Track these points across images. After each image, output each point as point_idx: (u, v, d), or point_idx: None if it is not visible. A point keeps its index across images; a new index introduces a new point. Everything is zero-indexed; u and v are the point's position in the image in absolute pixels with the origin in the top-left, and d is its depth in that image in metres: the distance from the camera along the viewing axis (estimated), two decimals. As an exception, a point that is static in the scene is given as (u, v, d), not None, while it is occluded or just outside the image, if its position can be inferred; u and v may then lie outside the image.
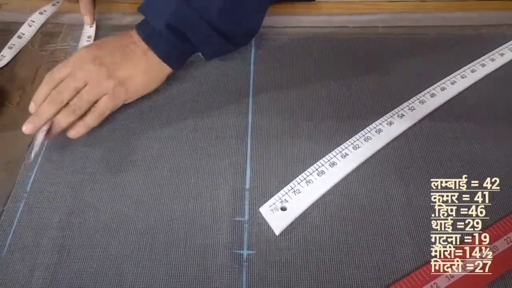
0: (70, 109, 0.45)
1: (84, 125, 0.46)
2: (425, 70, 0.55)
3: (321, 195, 0.43)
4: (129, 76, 0.47)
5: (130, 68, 0.47)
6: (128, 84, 0.47)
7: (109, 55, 0.46)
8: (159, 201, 0.44)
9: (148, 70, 0.48)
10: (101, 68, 0.46)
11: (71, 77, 0.45)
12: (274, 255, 0.40)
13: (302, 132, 0.49)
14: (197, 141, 0.48)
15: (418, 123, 0.49)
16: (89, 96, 0.45)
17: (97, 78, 0.45)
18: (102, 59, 0.46)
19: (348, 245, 0.40)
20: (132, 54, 0.47)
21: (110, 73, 0.46)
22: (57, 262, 0.40)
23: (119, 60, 0.46)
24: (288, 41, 0.59)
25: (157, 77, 0.49)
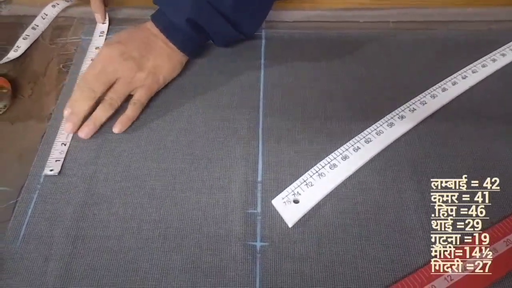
0: (107, 103, 0.47)
1: (127, 118, 0.48)
2: (436, 65, 0.55)
3: (334, 188, 0.44)
4: (157, 65, 0.50)
5: (157, 58, 0.50)
6: (158, 73, 0.50)
7: (135, 49, 0.49)
8: (172, 192, 0.44)
9: (171, 58, 0.51)
10: (131, 62, 0.48)
11: (102, 73, 0.48)
12: (288, 247, 0.40)
13: (314, 125, 0.49)
14: (209, 133, 0.48)
15: (429, 118, 0.49)
16: (124, 88, 0.48)
17: (129, 71, 0.48)
18: (129, 53, 0.49)
19: (361, 238, 0.40)
20: (155, 46, 0.50)
21: (140, 65, 0.49)
22: (71, 253, 0.40)
23: (145, 53, 0.49)
24: (298, 36, 0.59)
25: (179, 63, 0.52)
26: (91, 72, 0.49)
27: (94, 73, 0.48)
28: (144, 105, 0.49)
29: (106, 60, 0.48)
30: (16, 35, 0.58)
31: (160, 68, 0.50)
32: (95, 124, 0.47)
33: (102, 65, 0.48)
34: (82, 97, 0.47)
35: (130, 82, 0.48)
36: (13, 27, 0.60)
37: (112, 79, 0.48)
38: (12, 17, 0.61)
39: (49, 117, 0.50)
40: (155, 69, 0.49)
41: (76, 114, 0.47)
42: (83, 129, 0.47)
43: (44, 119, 0.49)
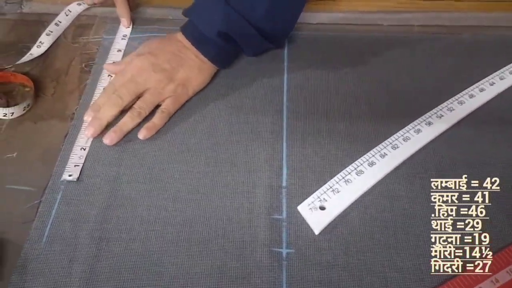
0: (135, 112, 0.47)
1: (154, 125, 0.47)
2: (461, 70, 0.54)
3: (361, 195, 0.43)
4: (187, 77, 0.49)
5: (187, 71, 0.50)
6: (188, 85, 0.50)
7: (166, 61, 0.49)
8: (196, 195, 0.43)
9: (202, 70, 0.50)
10: (161, 74, 0.48)
11: (132, 82, 0.48)
12: (314, 254, 0.39)
13: (339, 129, 0.48)
14: (232, 135, 0.48)
15: (456, 124, 0.48)
16: (153, 98, 0.48)
17: (159, 83, 0.48)
18: (160, 65, 0.49)
19: (389, 247, 0.40)
20: (186, 58, 0.50)
21: (171, 77, 0.49)
22: (95, 255, 0.39)
23: (175, 65, 0.49)
24: (321, 38, 0.58)
25: (209, 75, 0.52)
26: (121, 79, 0.49)
27: (124, 80, 0.48)
28: (171, 114, 0.49)
29: (137, 70, 0.48)
30: (38, 32, 0.58)
31: (190, 80, 0.50)
32: (122, 131, 0.47)
33: (132, 75, 0.48)
34: (109, 103, 0.47)
35: (159, 93, 0.48)
36: (34, 24, 0.60)
37: (141, 90, 0.48)
38: (33, 15, 0.61)
39: (72, 116, 0.49)
40: (185, 81, 0.49)
41: (99, 119, 0.47)
42: (109, 135, 0.46)
43: (67, 119, 0.49)
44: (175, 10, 0.60)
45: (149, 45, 0.51)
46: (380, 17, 0.60)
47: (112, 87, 0.48)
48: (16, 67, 0.53)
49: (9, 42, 0.57)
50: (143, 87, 0.48)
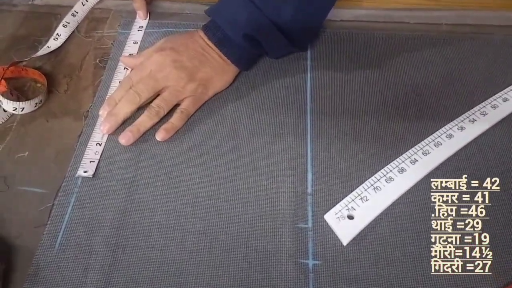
0: (154, 111, 0.45)
1: (172, 126, 0.45)
2: (493, 72, 0.51)
3: (391, 203, 0.41)
4: (209, 77, 0.47)
5: (209, 71, 0.47)
6: (209, 85, 0.47)
7: (188, 58, 0.47)
8: (217, 201, 0.41)
9: (224, 71, 0.48)
10: (183, 72, 0.46)
11: (151, 78, 0.45)
12: (343, 267, 0.37)
13: (365, 133, 0.46)
14: (254, 137, 0.46)
15: (490, 129, 0.46)
16: (173, 97, 0.46)
17: (180, 81, 0.46)
18: (182, 62, 0.46)
19: (422, 260, 0.37)
20: (210, 58, 0.47)
21: (192, 76, 0.46)
22: (111, 263, 0.37)
23: (198, 64, 0.47)
24: (346, 36, 0.55)
25: (231, 76, 0.49)
26: (139, 74, 0.46)
27: (142, 76, 0.46)
28: (190, 115, 0.47)
29: (157, 65, 0.46)
30: (50, 26, 0.56)
31: (212, 80, 0.47)
32: (139, 131, 0.44)
33: (152, 70, 0.46)
34: (126, 99, 0.45)
35: (179, 91, 0.46)
36: (47, 17, 0.57)
37: (161, 87, 0.46)
38: (46, 7, 0.59)
39: (86, 114, 0.47)
40: (206, 81, 0.47)
41: (115, 115, 0.45)
42: (125, 134, 0.44)
43: (81, 117, 0.47)
44: (192, 4, 0.58)
45: (171, 40, 0.49)
46: (406, 15, 0.58)
47: (130, 81, 0.46)
48: (28, 61, 0.51)
49: (20, 36, 0.55)
50: (163, 84, 0.46)
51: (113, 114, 0.45)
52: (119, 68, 0.51)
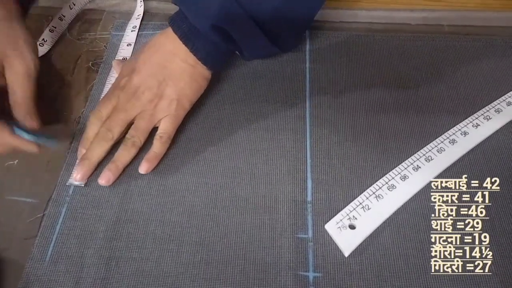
0: (129, 143, 0.41)
1: (155, 155, 0.42)
2: (496, 75, 0.50)
3: (393, 212, 0.39)
4: (179, 89, 0.43)
5: (177, 82, 0.43)
6: (182, 97, 0.43)
7: (151, 76, 0.43)
8: (213, 210, 0.40)
9: (193, 76, 0.44)
10: (149, 93, 0.42)
11: (119, 111, 0.42)
12: (344, 279, 0.36)
13: (366, 139, 0.45)
14: (251, 143, 0.44)
15: (494, 134, 0.45)
16: (146, 124, 0.42)
17: (148, 104, 0.42)
18: (146, 83, 0.42)
19: (426, 271, 0.36)
20: (174, 66, 0.43)
21: (160, 94, 0.42)
22: (104, 276, 0.36)
23: (162, 78, 0.43)
24: (345, 37, 0.54)
25: (203, 79, 0.45)
26: (105, 107, 0.42)
27: (110, 109, 0.42)
28: (171, 136, 0.43)
29: (121, 94, 0.42)
30: (41, 28, 0.54)
31: (183, 91, 0.43)
32: (118, 168, 0.41)
33: (118, 100, 0.42)
34: (98, 139, 0.41)
35: (152, 115, 0.42)
36: (38, 19, 0.55)
37: (132, 116, 0.42)
38: (37, 9, 0.57)
39: (77, 120, 0.46)
40: (178, 95, 0.43)
41: (89, 159, 0.41)
42: (105, 175, 0.40)
43: (73, 123, 0.45)
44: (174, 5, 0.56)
45: (132, 61, 0.44)
46: (407, 16, 0.56)
47: (97, 117, 0.42)
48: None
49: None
50: (133, 113, 0.42)
51: (86, 159, 0.41)
52: (112, 73, 0.49)
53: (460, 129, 0.45)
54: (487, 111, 0.46)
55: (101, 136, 0.41)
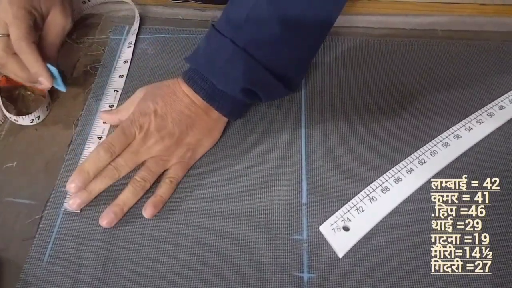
0: (138, 186, 0.40)
1: (162, 200, 0.40)
2: (489, 79, 0.51)
3: (387, 214, 0.40)
4: (198, 140, 0.43)
5: (197, 134, 0.43)
6: (197, 149, 0.43)
7: (174, 125, 0.42)
8: (210, 211, 0.40)
9: (212, 129, 0.44)
10: (169, 140, 0.41)
11: (132, 152, 0.41)
12: (338, 279, 0.37)
13: (361, 142, 0.45)
14: (247, 146, 0.45)
15: (487, 137, 0.45)
16: (158, 168, 0.41)
17: (166, 151, 0.41)
18: (169, 130, 0.41)
19: (419, 272, 0.37)
20: (196, 118, 0.43)
21: (179, 142, 0.42)
22: (101, 277, 0.37)
23: (184, 128, 0.42)
24: (341, 42, 0.55)
25: (219, 131, 0.45)
26: (119, 143, 0.40)
27: (122, 145, 0.40)
28: (179, 182, 0.42)
29: (142, 132, 0.41)
30: (40, 32, 0.55)
31: (200, 143, 0.43)
32: (122, 211, 0.39)
33: (136, 138, 0.41)
34: (103, 177, 0.39)
35: (166, 161, 0.41)
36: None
37: (143, 159, 0.41)
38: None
39: (76, 123, 0.46)
40: (195, 145, 0.43)
41: (89, 193, 0.39)
42: (108, 216, 0.39)
43: (71, 126, 0.46)
44: (186, 9, 0.57)
45: (152, 98, 0.42)
46: (402, 20, 0.57)
47: (110, 150, 0.40)
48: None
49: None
50: (146, 156, 0.41)
51: (87, 191, 0.39)
52: (112, 77, 0.50)
53: (453, 132, 0.45)
54: (480, 114, 0.47)
55: (108, 174, 0.40)
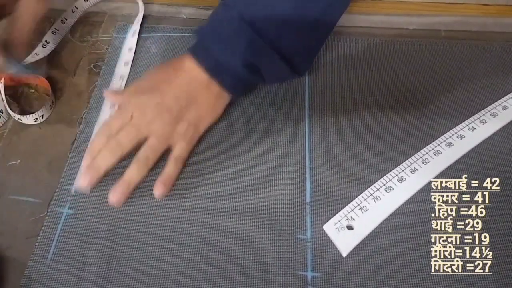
0: (142, 163, 0.40)
1: (170, 177, 0.41)
2: (492, 79, 0.51)
3: (390, 214, 0.40)
4: (199, 116, 0.43)
5: (199, 109, 0.43)
6: (200, 124, 0.43)
7: (174, 100, 0.42)
8: (213, 210, 0.40)
9: (215, 105, 0.44)
10: (169, 115, 0.41)
11: (133, 126, 0.41)
12: (342, 279, 0.37)
13: (365, 141, 0.45)
14: (251, 145, 0.45)
15: (490, 137, 0.45)
16: (160, 145, 0.41)
17: (167, 126, 0.41)
18: (168, 105, 0.41)
19: (423, 272, 0.37)
20: (197, 94, 0.42)
21: (179, 117, 0.42)
22: (105, 275, 0.37)
23: (184, 104, 0.42)
24: (345, 42, 0.54)
25: (222, 108, 0.45)
26: (120, 120, 0.41)
27: (123, 122, 0.41)
28: (185, 159, 0.42)
29: (139, 110, 0.41)
30: (43, 30, 0.55)
31: (202, 118, 0.43)
32: (129, 187, 0.39)
33: (134, 116, 0.41)
34: (107, 150, 0.40)
35: (167, 138, 0.41)
36: (41, 21, 0.55)
37: (144, 135, 0.41)
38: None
39: (80, 121, 0.46)
40: (196, 121, 0.43)
41: (96, 169, 0.39)
42: (116, 195, 0.39)
43: (75, 124, 0.46)
44: (189, 8, 0.57)
45: (152, 76, 0.44)
46: (405, 20, 0.57)
47: (109, 129, 0.41)
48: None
49: (13, 40, 0.54)
50: (146, 132, 0.41)
51: (93, 167, 0.39)
52: (115, 76, 0.50)
53: (456, 132, 0.45)
54: (483, 114, 0.47)
55: (111, 147, 0.40)
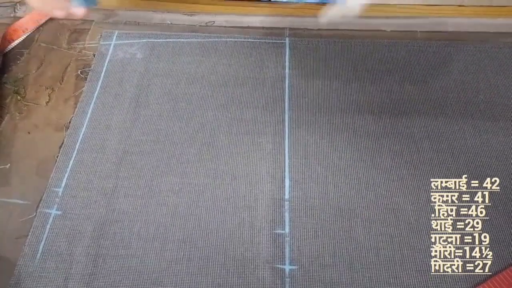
0: None
1: None
2: (466, 78, 0.53)
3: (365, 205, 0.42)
4: None
5: None
6: None
7: None
8: (196, 209, 0.42)
9: None
10: None
11: None
12: (318, 271, 0.38)
13: (341, 139, 0.47)
14: (233, 147, 0.46)
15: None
16: None
17: None
18: None
19: (395, 263, 0.39)
20: None
21: None
22: (92, 272, 0.38)
23: None
24: (324, 44, 0.56)
25: None
26: None
27: None
28: None
29: None
30: (33, 38, 0.56)
31: None
32: None
33: None
34: None
35: None
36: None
37: None
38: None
39: (67, 125, 0.48)
40: None
41: None
42: None
43: (63, 128, 0.48)
44: (173, 14, 0.59)
45: None
46: (383, 22, 0.59)
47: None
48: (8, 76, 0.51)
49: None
50: None
51: None
52: (100, 81, 0.51)
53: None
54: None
55: None
